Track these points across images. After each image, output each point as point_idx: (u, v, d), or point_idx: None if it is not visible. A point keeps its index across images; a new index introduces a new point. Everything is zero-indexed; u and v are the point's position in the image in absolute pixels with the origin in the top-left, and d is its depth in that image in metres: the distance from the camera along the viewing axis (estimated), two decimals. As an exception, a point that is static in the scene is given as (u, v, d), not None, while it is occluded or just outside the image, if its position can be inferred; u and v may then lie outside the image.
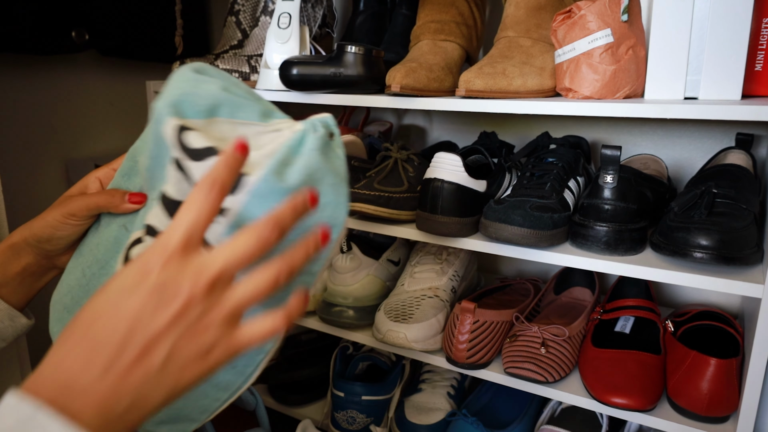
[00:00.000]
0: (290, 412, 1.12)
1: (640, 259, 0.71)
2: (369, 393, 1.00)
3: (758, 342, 0.63)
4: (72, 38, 1.06)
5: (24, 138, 1.12)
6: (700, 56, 0.70)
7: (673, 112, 0.64)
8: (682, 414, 0.72)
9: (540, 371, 0.78)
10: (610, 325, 0.91)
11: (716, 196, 0.70)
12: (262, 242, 0.36)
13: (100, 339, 0.33)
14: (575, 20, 0.72)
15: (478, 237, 0.81)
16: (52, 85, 1.15)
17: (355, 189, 0.86)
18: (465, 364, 0.84)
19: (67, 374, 0.32)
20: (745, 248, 0.64)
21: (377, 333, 0.89)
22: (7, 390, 0.31)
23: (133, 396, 0.33)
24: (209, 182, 0.35)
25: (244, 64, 1.01)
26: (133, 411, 0.34)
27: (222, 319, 0.35)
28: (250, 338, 0.36)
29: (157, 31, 1.21)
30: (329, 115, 0.41)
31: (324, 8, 1.03)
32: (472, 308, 0.82)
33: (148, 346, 0.33)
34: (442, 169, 0.79)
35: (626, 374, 0.75)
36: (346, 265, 0.96)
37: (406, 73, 0.78)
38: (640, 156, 0.96)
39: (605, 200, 0.73)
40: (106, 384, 0.33)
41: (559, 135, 1.07)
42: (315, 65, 0.84)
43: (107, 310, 0.34)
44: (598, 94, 0.72)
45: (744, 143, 0.85)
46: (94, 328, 0.34)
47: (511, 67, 0.75)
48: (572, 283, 1.05)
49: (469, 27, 0.92)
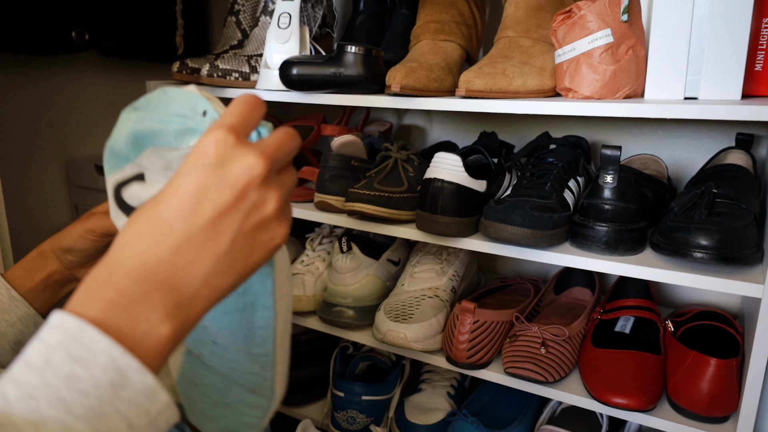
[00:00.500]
0: (290, 412, 1.12)
1: (640, 259, 0.71)
2: (369, 393, 1.00)
3: (758, 342, 0.63)
4: (72, 38, 1.06)
5: (24, 138, 1.12)
6: (700, 56, 0.70)
7: (673, 112, 0.64)
8: (682, 414, 0.72)
9: (540, 371, 0.78)
10: (610, 325, 0.91)
11: (716, 196, 0.70)
12: (291, 135, 0.37)
13: (166, 217, 0.32)
14: (575, 20, 0.72)
15: (478, 237, 0.81)
16: (52, 86, 1.15)
17: (355, 189, 0.86)
18: (465, 364, 0.84)
19: (132, 258, 0.32)
20: (745, 248, 0.64)
21: (377, 333, 0.89)
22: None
23: (202, 279, 0.33)
24: (250, 99, 0.36)
25: (244, 64, 1.02)
26: (201, 297, 0.33)
27: (279, 202, 0.35)
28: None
29: (157, 31, 1.21)
30: (269, 124, 0.41)
31: (324, 8, 1.03)
32: (472, 308, 0.82)
33: (215, 223, 0.33)
34: (442, 169, 0.79)
35: (626, 374, 0.75)
36: (346, 265, 0.96)
37: (406, 73, 0.78)
38: (640, 156, 0.96)
39: (605, 200, 0.73)
40: (177, 263, 0.32)
41: (559, 135, 1.07)
42: (315, 65, 0.84)
43: (170, 190, 0.33)
44: (598, 94, 0.72)
45: (744, 143, 0.85)
46: (159, 209, 0.33)
47: (511, 67, 0.75)
48: (572, 283, 1.05)
49: (469, 27, 0.92)
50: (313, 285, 1.04)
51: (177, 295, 0.32)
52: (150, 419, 0.30)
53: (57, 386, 0.27)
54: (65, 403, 0.27)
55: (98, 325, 0.29)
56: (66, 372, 0.28)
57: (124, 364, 0.29)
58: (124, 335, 0.30)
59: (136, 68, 1.26)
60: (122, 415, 0.28)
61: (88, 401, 0.28)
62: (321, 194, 0.94)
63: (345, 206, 0.87)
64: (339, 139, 1.00)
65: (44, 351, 0.28)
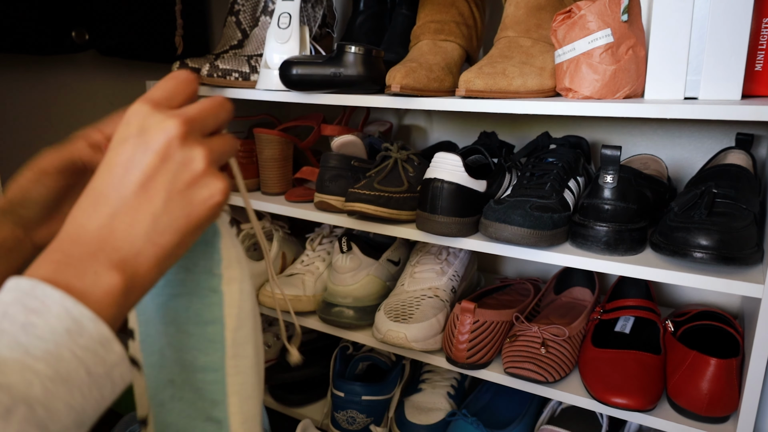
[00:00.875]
0: (290, 412, 1.12)
1: (640, 259, 0.71)
2: (369, 393, 1.00)
3: (758, 342, 0.63)
4: (72, 38, 1.06)
5: (24, 138, 1.12)
6: (700, 56, 0.70)
7: (673, 112, 0.64)
8: (682, 414, 0.72)
9: (540, 371, 0.78)
10: (610, 325, 0.91)
11: (716, 196, 0.70)
12: (217, 103, 0.40)
13: (101, 189, 0.35)
14: (575, 20, 0.72)
15: (478, 237, 0.81)
16: (52, 85, 1.14)
17: (355, 189, 0.86)
18: (465, 364, 0.84)
19: (76, 228, 0.34)
20: (745, 248, 0.64)
21: (377, 333, 0.89)
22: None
23: (144, 237, 0.34)
24: (179, 75, 0.39)
25: (244, 64, 1.02)
26: (147, 255, 0.34)
27: (206, 159, 0.37)
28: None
29: (157, 31, 1.21)
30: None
31: (324, 8, 1.03)
32: (472, 308, 0.82)
33: (145, 183, 0.35)
34: (442, 169, 0.79)
35: (626, 374, 0.75)
36: (346, 265, 0.96)
37: (406, 73, 0.78)
38: (640, 156, 0.96)
39: (605, 200, 0.73)
40: (117, 227, 0.34)
41: (559, 135, 1.07)
42: (315, 65, 0.84)
43: (103, 165, 0.36)
44: (598, 94, 0.72)
45: (744, 143, 0.85)
46: (95, 183, 0.35)
47: (511, 67, 0.75)
48: (572, 283, 1.05)
49: (469, 27, 0.92)
50: (313, 285, 1.04)
51: (121, 252, 0.34)
52: (106, 369, 0.31)
53: (14, 333, 0.29)
54: (23, 345, 0.29)
55: (49, 281, 0.31)
56: (22, 321, 0.29)
57: (77, 312, 0.30)
58: (74, 288, 0.32)
59: (136, 68, 1.26)
60: (80, 360, 0.30)
61: (46, 345, 0.29)
62: (321, 194, 0.94)
63: (345, 206, 0.87)
64: (339, 139, 1.00)
65: (0, 307, 0.30)
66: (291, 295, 1.01)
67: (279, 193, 1.08)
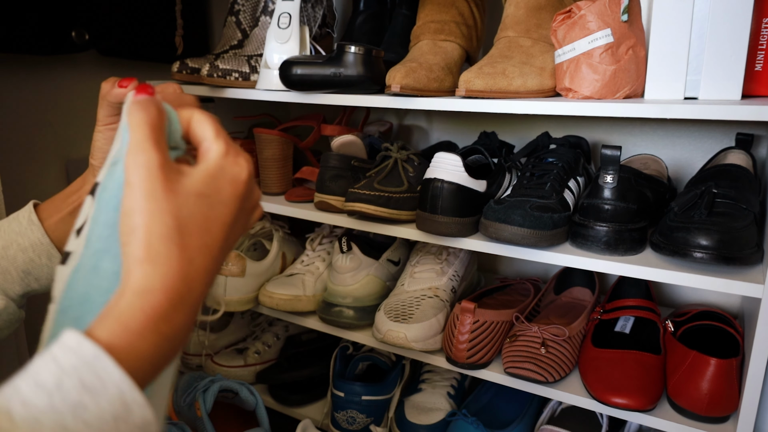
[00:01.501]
0: (290, 412, 1.12)
1: (640, 259, 0.71)
2: (369, 393, 1.00)
3: (758, 342, 0.63)
4: (72, 38, 1.06)
5: (24, 138, 1.12)
6: (700, 56, 0.70)
7: (673, 112, 0.64)
8: (682, 414, 0.72)
9: (540, 371, 0.78)
10: (610, 325, 0.91)
11: (716, 196, 0.70)
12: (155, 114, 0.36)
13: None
14: (575, 20, 0.72)
15: (478, 237, 0.81)
16: (52, 85, 1.14)
17: (355, 189, 0.86)
18: (465, 364, 0.84)
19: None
20: (745, 248, 0.64)
21: (377, 333, 0.89)
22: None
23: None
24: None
25: (244, 64, 1.01)
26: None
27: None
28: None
29: (157, 31, 1.21)
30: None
31: (324, 8, 1.03)
32: (472, 308, 0.82)
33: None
34: (442, 169, 0.79)
35: (626, 374, 0.75)
36: (346, 265, 0.96)
37: (406, 73, 0.78)
38: (640, 156, 0.96)
39: (605, 200, 0.73)
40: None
41: (559, 135, 1.07)
42: (315, 65, 0.84)
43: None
44: (598, 94, 0.72)
45: (744, 143, 0.85)
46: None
47: (511, 67, 0.75)
48: (572, 283, 1.05)
49: (469, 27, 0.92)
50: (313, 285, 1.04)
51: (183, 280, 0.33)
52: None
53: (64, 413, 0.27)
54: (68, 431, 0.27)
55: (111, 347, 0.30)
56: (75, 400, 0.28)
57: (131, 399, 0.29)
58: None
59: (136, 68, 1.26)
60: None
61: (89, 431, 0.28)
62: (321, 194, 0.94)
63: (345, 206, 0.87)
64: (339, 139, 1.00)
65: (57, 373, 0.28)
66: (291, 295, 1.01)
67: (279, 193, 1.08)
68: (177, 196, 0.33)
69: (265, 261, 1.08)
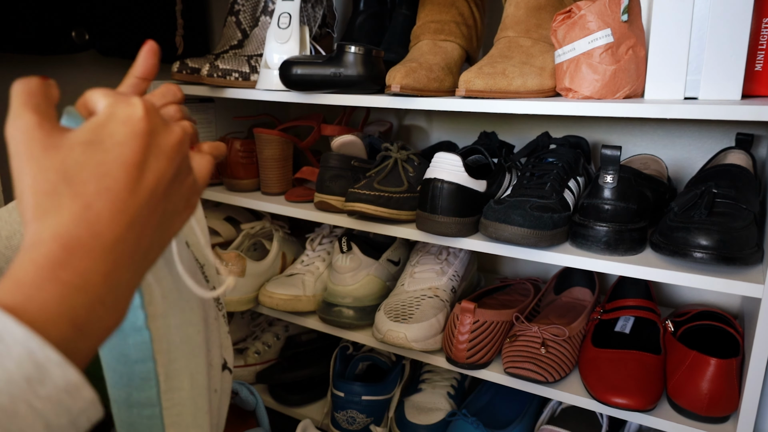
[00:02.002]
0: (290, 412, 1.12)
1: (640, 259, 0.71)
2: (369, 393, 1.00)
3: (758, 342, 0.63)
4: (72, 38, 1.06)
5: (24, 138, 1.12)
6: (700, 56, 0.70)
7: (673, 112, 0.64)
8: (682, 414, 0.72)
9: (540, 371, 0.78)
10: (610, 325, 0.91)
11: (716, 196, 0.70)
12: (173, 90, 0.43)
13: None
14: (575, 20, 0.72)
15: (478, 237, 0.81)
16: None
17: (355, 189, 0.86)
18: (465, 364, 0.84)
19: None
20: (745, 248, 0.64)
21: (377, 333, 0.89)
22: None
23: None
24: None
25: (244, 64, 1.01)
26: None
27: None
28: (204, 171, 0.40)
29: (157, 31, 1.21)
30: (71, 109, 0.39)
31: (324, 8, 1.03)
32: (472, 308, 0.82)
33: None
34: (442, 169, 0.79)
35: (626, 374, 0.75)
36: (346, 265, 0.96)
37: (406, 73, 0.78)
38: (640, 156, 0.96)
39: (605, 200, 0.73)
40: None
41: (559, 135, 1.07)
42: (315, 65, 0.84)
43: None
44: (598, 94, 0.72)
45: (744, 143, 0.85)
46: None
47: (511, 67, 0.75)
48: (572, 283, 1.05)
49: (469, 27, 0.92)
50: (313, 285, 1.04)
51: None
52: (71, 418, 0.27)
53: None
54: None
55: (14, 307, 0.27)
56: None
57: (43, 357, 0.26)
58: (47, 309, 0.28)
59: (136, 68, 1.26)
60: (39, 414, 0.26)
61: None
62: (321, 194, 0.94)
63: (345, 206, 0.87)
64: (339, 139, 1.00)
65: None
66: (291, 295, 1.01)
67: (279, 193, 1.08)
68: (59, 150, 0.31)
69: (265, 261, 1.09)
